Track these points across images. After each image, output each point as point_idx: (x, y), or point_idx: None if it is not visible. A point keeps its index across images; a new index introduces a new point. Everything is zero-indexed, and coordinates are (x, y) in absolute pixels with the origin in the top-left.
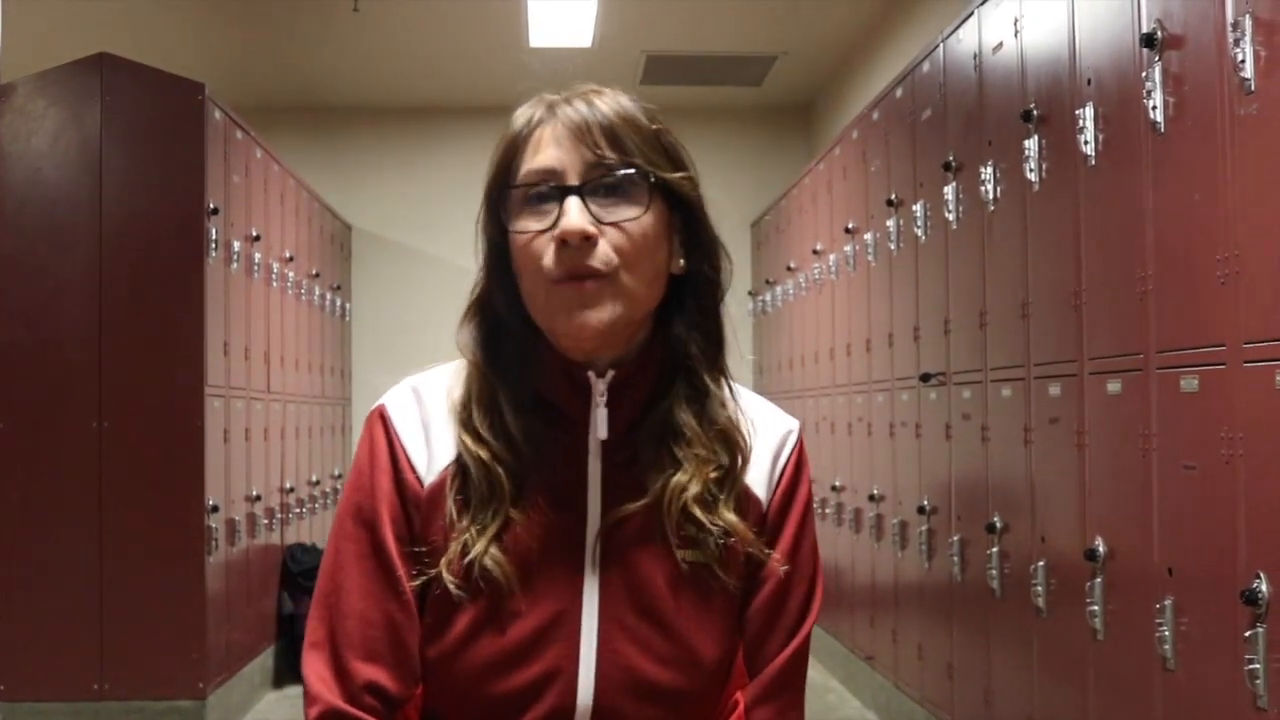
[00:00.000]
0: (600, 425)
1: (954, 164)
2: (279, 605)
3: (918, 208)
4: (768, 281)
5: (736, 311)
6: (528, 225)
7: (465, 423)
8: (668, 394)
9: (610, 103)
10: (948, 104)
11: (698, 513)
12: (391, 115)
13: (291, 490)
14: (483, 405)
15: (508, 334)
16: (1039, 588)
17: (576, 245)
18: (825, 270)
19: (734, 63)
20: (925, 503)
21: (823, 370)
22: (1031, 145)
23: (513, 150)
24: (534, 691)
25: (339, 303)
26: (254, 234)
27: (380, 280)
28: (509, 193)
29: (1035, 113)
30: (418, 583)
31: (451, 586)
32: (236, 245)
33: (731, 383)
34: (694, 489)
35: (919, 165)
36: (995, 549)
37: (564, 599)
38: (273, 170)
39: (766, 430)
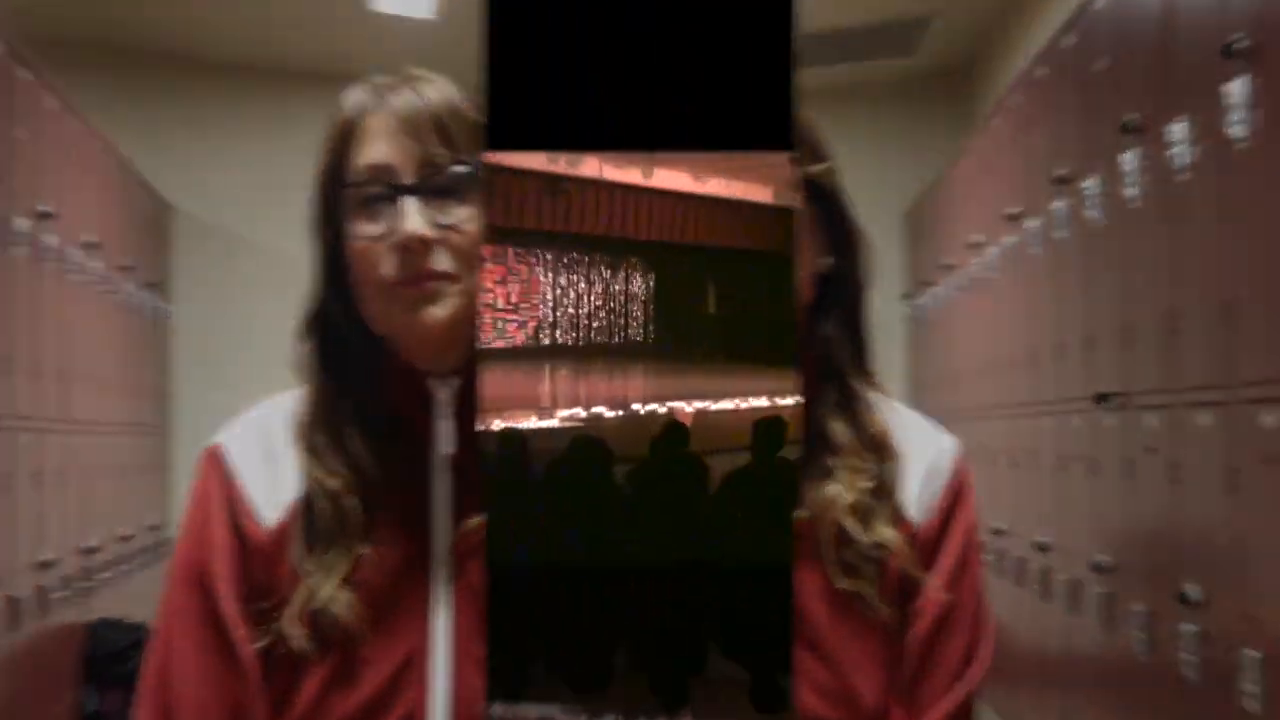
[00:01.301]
0: (444, 438)
1: (1134, 124)
2: (81, 705)
3: (1089, 184)
4: (923, 283)
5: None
6: (364, 230)
7: (309, 449)
8: None
9: (437, 92)
10: (1131, 49)
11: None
12: (228, 72)
13: (96, 550)
14: (324, 428)
15: (348, 347)
16: (1251, 685)
17: (416, 250)
18: (984, 267)
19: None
20: (1100, 559)
21: (983, 389)
22: (1237, 89)
23: (341, 142)
24: None
25: (157, 305)
26: (43, 210)
27: (211, 278)
28: (342, 194)
29: (1244, 45)
30: (263, 644)
31: (297, 642)
32: (19, 224)
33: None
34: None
35: (1090, 130)
36: (1191, 626)
37: (413, 638)
38: (71, 127)
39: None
